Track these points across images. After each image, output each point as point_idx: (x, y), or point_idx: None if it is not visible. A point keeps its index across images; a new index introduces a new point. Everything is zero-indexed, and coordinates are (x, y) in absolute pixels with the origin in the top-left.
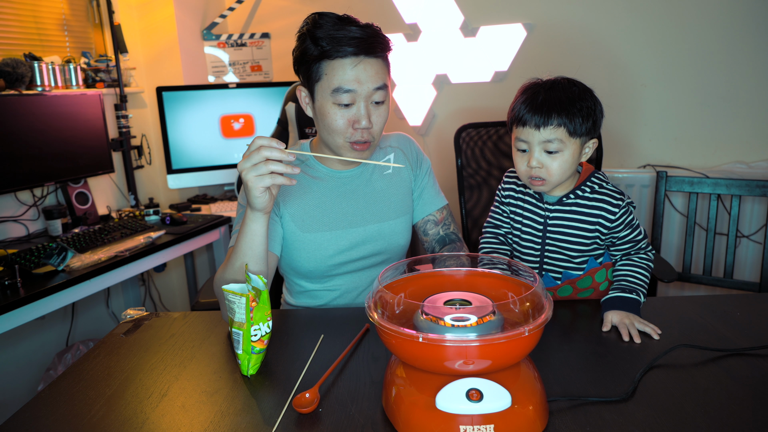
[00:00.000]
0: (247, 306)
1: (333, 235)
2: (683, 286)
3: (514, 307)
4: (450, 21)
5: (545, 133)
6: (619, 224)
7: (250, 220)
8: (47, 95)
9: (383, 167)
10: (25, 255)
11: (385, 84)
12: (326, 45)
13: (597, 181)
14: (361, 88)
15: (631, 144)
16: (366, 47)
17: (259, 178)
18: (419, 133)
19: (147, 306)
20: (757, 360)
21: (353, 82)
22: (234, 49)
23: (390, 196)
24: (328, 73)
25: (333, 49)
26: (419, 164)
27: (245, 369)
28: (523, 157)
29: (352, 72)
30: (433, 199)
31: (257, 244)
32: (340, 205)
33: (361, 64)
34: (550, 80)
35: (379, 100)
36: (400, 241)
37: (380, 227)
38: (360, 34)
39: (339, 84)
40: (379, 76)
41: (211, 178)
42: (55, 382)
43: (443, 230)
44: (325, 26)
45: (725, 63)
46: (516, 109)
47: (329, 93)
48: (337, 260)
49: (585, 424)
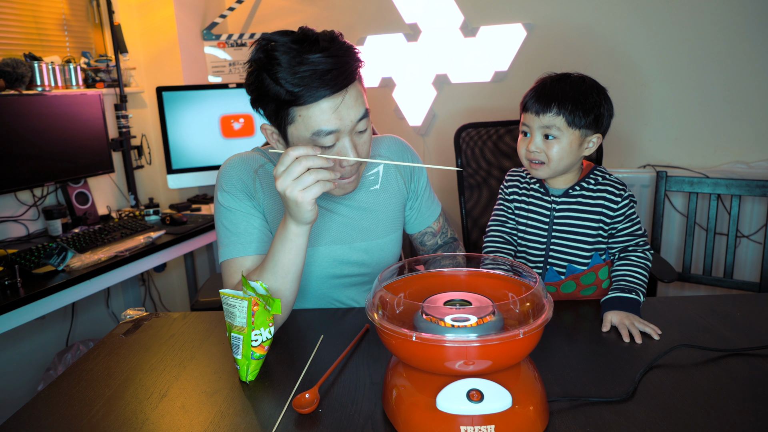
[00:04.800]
0: (248, 310)
1: (314, 252)
2: (683, 286)
3: (514, 307)
4: (450, 21)
5: (544, 119)
6: (620, 215)
7: (295, 235)
8: (47, 95)
9: (369, 182)
10: (25, 255)
11: (366, 109)
12: (293, 88)
13: (600, 174)
14: (344, 125)
15: (631, 144)
16: (342, 81)
17: (307, 190)
18: (419, 133)
19: (147, 306)
20: (757, 360)
21: (335, 122)
22: (234, 49)
23: (378, 214)
24: (303, 116)
25: (306, 94)
26: (414, 177)
27: (244, 375)
28: (524, 141)
29: (333, 114)
30: (429, 212)
31: (302, 259)
32: (321, 220)
33: (341, 102)
34: (563, 74)
35: (363, 128)
36: (389, 260)
37: (368, 245)
38: (330, 64)
39: (319, 127)
40: (359, 103)
41: (212, 178)
42: (55, 382)
43: (441, 239)
44: (283, 61)
45: (725, 63)
46: (525, 96)
47: (308, 136)
48: (320, 275)
49: (585, 424)
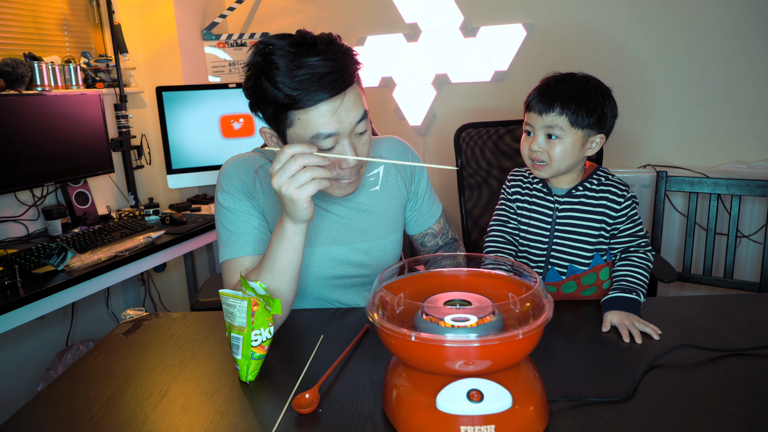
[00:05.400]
0: (248, 310)
1: (314, 252)
2: (683, 286)
3: (514, 307)
4: (450, 21)
5: (547, 118)
6: (623, 215)
7: (292, 233)
8: (47, 95)
9: (369, 183)
10: (25, 255)
11: (365, 111)
12: (292, 92)
13: (603, 174)
14: (343, 127)
15: (631, 144)
16: (341, 84)
17: (303, 188)
18: (419, 133)
19: (147, 306)
20: (757, 360)
21: (334, 125)
22: (234, 49)
23: (378, 215)
24: (302, 119)
25: (305, 98)
26: (414, 178)
27: (244, 375)
28: (527, 140)
29: (331, 117)
30: (430, 213)
31: (299, 257)
32: (321, 221)
33: (340, 105)
34: (568, 73)
35: (362, 130)
36: (389, 261)
37: (368, 246)
38: (328, 68)
39: (318, 130)
40: (358, 105)
41: (211, 178)
42: (55, 383)
43: (442, 240)
44: (282, 65)
45: (725, 63)
46: (529, 95)
47: (307, 139)
48: (320, 276)
49: (585, 424)
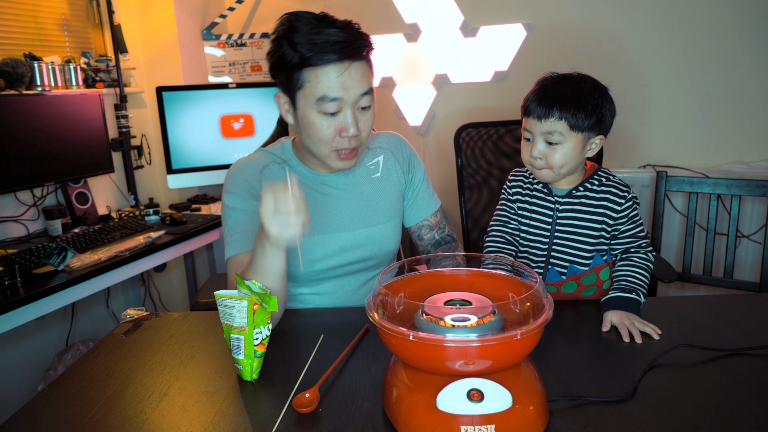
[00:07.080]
0: (249, 309)
1: (320, 239)
2: (683, 286)
3: (514, 307)
4: (450, 21)
5: (546, 124)
6: (623, 216)
7: (272, 258)
8: (47, 95)
9: (370, 170)
10: (25, 255)
11: (371, 88)
12: (306, 51)
13: (603, 175)
14: (348, 95)
15: (631, 144)
16: (350, 51)
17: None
18: (419, 133)
19: (147, 306)
20: (757, 360)
21: (339, 90)
22: (234, 49)
23: (379, 200)
24: (311, 81)
25: (315, 56)
26: (411, 168)
27: (248, 374)
28: (527, 146)
29: (337, 79)
30: (427, 204)
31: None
32: (326, 209)
33: (346, 71)
34: (564, 74)
35: (366, 105)
36: (390, 246)
37: (369, 231)
38: (342, 37)
39: (324, 92)
40: (364, 80)
41: (211, 178)
42: (55, 382)
43: (438, 234)
44: (302, 29)
45: (725, 63)
46: (526, 99)
47: (313, 102)
48: (325, 265)
49: (585, 424)
